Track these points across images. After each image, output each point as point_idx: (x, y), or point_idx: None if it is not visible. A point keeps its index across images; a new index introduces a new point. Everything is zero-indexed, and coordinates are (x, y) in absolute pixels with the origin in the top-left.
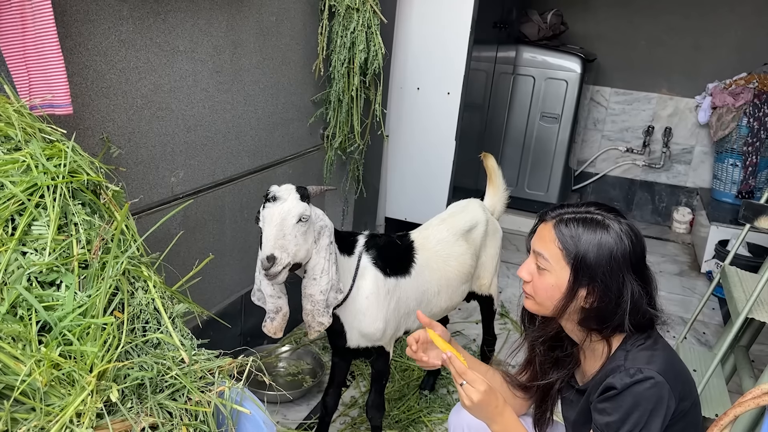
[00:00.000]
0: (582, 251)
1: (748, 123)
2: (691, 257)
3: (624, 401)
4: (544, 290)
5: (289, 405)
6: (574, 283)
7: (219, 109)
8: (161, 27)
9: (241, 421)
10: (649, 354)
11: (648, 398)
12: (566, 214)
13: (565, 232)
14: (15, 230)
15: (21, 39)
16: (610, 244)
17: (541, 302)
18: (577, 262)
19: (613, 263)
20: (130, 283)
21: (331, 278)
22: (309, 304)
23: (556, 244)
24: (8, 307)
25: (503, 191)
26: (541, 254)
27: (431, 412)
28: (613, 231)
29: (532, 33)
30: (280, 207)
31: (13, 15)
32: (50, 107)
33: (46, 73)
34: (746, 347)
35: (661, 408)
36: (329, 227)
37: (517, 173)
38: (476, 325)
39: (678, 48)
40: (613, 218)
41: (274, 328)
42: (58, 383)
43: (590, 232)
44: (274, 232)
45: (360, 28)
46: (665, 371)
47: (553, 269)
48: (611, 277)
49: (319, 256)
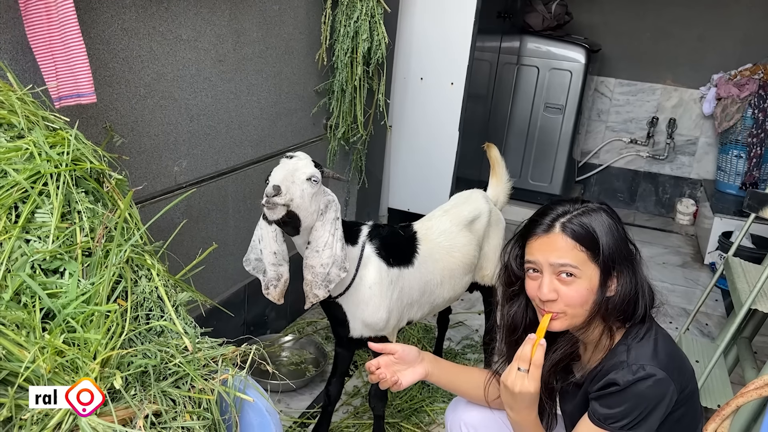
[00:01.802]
0: (603, 243)
1: (753, 114)
2: (694, 248)
3: (626, 398)
4: (579, 298)
5: (292, 394)
6: (604, 276)
7: (222, 99)
8: (164, 15)
9: (244, 409)
10: (651, 349)
11: (650, 396)
12: (563, 217)
13: (577, 231)
14: (18, 218)
15: (47, 32)
16: (611, 224)
17: (574, 314)
18: (604, 255)
19: (621, 242)
20: (134, 272)
21: (334, 253)
22: (309, 274)
23: (578, 249)
24: (12, 294)
25: (506, 182)
26: (565, 264)
27: (433, 402)
28: (604, 212)
29: (536, 23)
30: (294, 162)
31: (38, 8)
32: (77, 97)
33: (71, 64)
34: (749, 338)
35: (662, 404)
36: (336, 202)
37: (521, 164)
38: (479, 316)
39: (683, 39)
40: (592, 204)
41: (277, 294)
42: (61, 370)
43: (596, 222)
44: (284, 173)
45: (363, 18)
46: (667, 366)
47: (584, 273)
48: (627, 256)
49: (324, 228)
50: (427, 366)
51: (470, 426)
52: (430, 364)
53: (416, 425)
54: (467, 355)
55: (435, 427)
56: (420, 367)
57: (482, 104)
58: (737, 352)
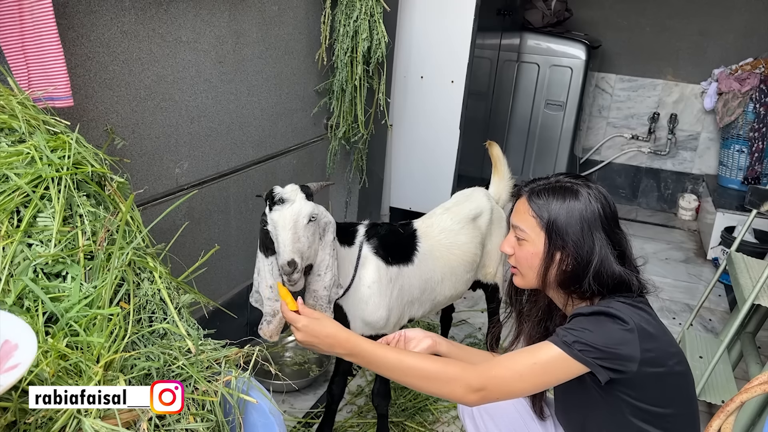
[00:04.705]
0: (553, 216)
1: (754, 108)
2: (697, 244)
3: (587, 322)
4: (525, 259)
5: (296, 394)
6: (549, 246)
7: (222, 100)
8: (163, 17)
9: (247, 410)
10: (630, 307)
11: (610, 331)
12: (537, 186)
13: (538, 201)
14: (20, 222)
15: (19, 31)
16: (579, 207)
17: (524, 273)
18: (550, 227)
19: (583, 224)
20: (136, 274)
21: (334, 274)
22: (312, 299)
23: (530, 214)
24: (15, 298)
25: (508, 179)
26: (518, 226)
27: (437, 400)
28: (582, 195)
29: (536, 20)
30: (290, 209)
31: (10, 7)
32: (50, 100)
33: (45, 66)
34: (753, 334)
35: (617, 340)
36: (332, 223)
37: (522, 161)
38: (482, 314)
39: (684, 33)
40: (581, 184)
41: (270, 332)
42: (65, 374)
43: (560, 198)
44: (290, 236)
45: (363, 17)
46: (633, 319)
47: (531, 238)
48: (583, 239)
49: (324, 252)
50: (435, 338)
51: (482, 408)
52: (437, 336)
53: (420, 424)
54: None
55: (439, 426)
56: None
57: (483, 102)
58: (741, 347)
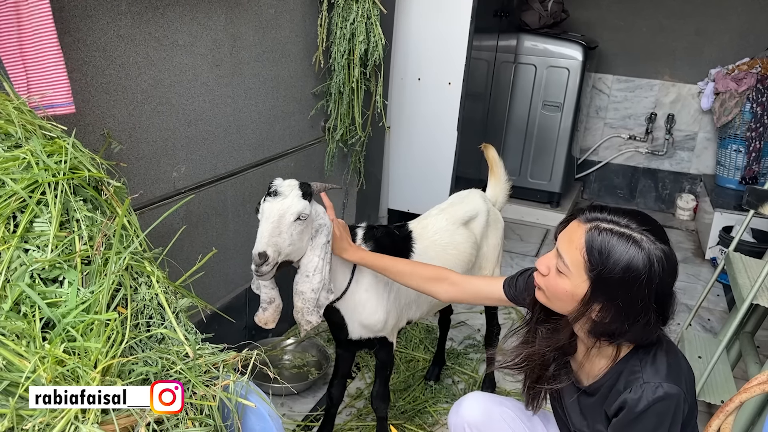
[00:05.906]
0: (608, 271)
1: (751, 108)
2: (695, 244)
3: (648, 421)
4: (556, 292)
5: (295, 397)
6: (590, 297)
7: (219, 103)
8: (160, 21)
9: (246, 414)
10: (666, 364)
11: (670, 414)
12: (603, 221)
13: (596, 242)
14: (17, 227)
15: (17, 37)
16: (638, 268)
17: (551, 300)
18: (599, 280)
19: (638, 289)
20: (133, 279)
21: (324, 278)
22: (300, 301)
23: (581, 253)
24: (11, 304)
25: (505, 182)
26: (562, 257)
27: (437, 402)
28: (645, 254)
29: (533, 21)
30: (280, 203)
31: (7, 12)
32: (51, 107)
33: (44, 72)
34: (751, 333)
35: (679, 418)
36: (327, 226)
37: (520, 162)
38: (480, 315)
39: (680, 33)
40: (651, 240)
41: (266, 319)
42: (62, 379)
43: (622, 251)
44: (270, 229)
45: (360, 19)
46: (683, 380)
47: (572, 276)
48: (631, 302)
49: (313, 253)
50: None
51: (473, 426)
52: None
53: (419, 426)
54: (469, 355)
55: (438, 428)
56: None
57: (480, 103)
58: (740, 347)
